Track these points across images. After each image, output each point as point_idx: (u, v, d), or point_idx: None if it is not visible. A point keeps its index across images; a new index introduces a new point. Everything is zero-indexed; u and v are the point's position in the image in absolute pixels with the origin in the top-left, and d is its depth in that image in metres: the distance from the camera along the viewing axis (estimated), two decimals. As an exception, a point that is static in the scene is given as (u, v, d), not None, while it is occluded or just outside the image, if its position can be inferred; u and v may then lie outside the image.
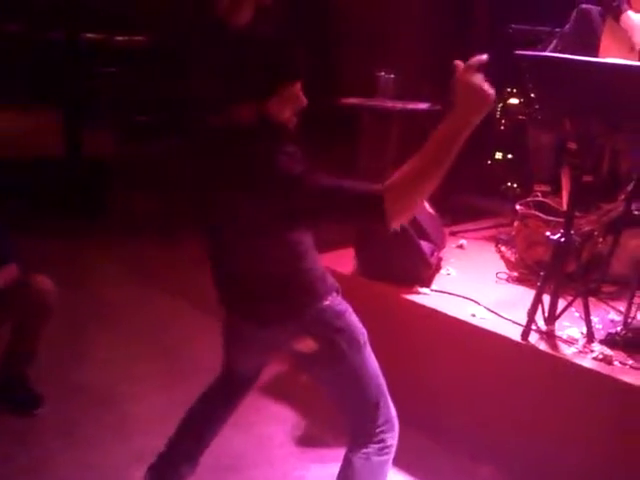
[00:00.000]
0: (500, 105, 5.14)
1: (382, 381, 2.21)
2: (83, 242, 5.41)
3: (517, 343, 2.84)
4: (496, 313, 3.07)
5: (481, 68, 1.77)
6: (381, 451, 2.18)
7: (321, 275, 2.15)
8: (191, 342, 3.91)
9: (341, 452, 3.00)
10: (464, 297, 3.22)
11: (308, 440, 3.15)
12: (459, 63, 1.80)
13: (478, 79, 1.76)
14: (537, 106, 2.97)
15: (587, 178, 2.99)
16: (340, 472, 2.22)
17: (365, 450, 2.17)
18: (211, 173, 2.08)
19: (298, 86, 2.02)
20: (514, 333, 2.89)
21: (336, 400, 2.26)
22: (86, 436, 3.08)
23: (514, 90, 5.06)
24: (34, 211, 5.57)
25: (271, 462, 2.98)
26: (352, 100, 4.83)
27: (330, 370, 2.17)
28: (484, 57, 1.77)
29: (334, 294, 2.16)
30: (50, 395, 3.28)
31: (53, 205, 5.79)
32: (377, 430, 2.18)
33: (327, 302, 2.12)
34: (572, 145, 2.92)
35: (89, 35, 7.65)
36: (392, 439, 2.21)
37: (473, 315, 3.06)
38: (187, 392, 3.35)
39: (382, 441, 2.19)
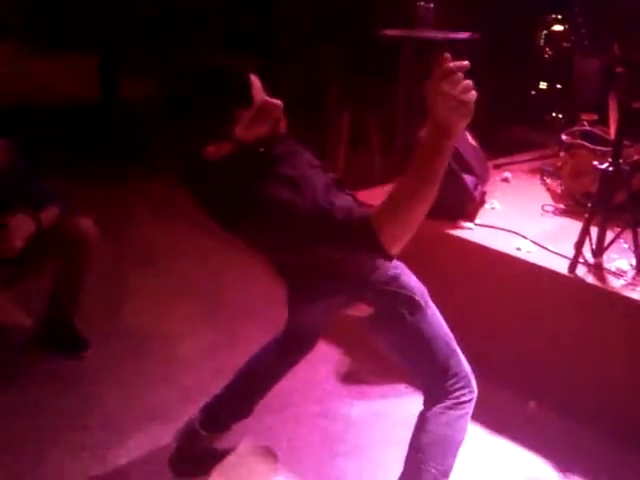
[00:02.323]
0: (544, 33, 4.98)
1: (450, 339, 2.13)
2: (119, 186, 5.42)
3: (564, 276, 2.78)
4: (542, 246, 3.00)
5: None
6: (457, 406, 2.11)
7: None
8: (231, 281, 3.91)
9: (384, 389, 3.07)
10: (509, 230, 3.16)
11: (351, 377, 3.16)
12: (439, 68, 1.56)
13: (453, 88, 1.53)
14: (584, 30, 2.84)
15: (636, 104, 2.87)
16: (416, 426, 2.14)
17: (440, 405, 2.10)
18: (213, 205, 1.98)
19: (259, 99, 1.84)
20: (561, 266, 2.83)
21: (403, 362, 2.20)
22: (132, 377, 3.12)
23: (558, 16, 4.89)
24: (70, 156, 5.59)
25: (315, 399, 2.99)
26: (393, 31, 4.69)
27: (391, 334, 2.13)
28: (465, 63, 1.54)
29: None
30: (95, 337, 3.32)
31: (88, 150, 5.80)
32: (450, 387, 2.11)
33: (377, 272, 2.05)
34: (620, 70, 2.79)
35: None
36: (470, 394, 2.13)
37: (518, 249, 2.99)
38: (227, 332, 3.44)
39: (457, 397, 2.11)
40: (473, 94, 1.55)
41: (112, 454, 2.65)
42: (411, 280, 2.14)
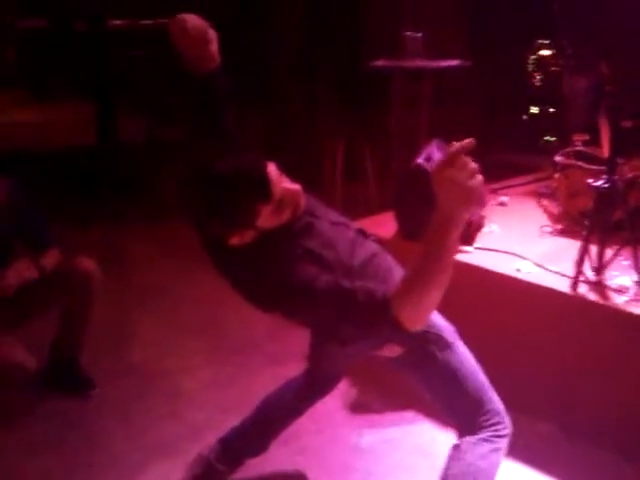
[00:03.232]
0: (533, 57, 5.04)
1: (481, 376, 2.13)
2: (118, 226, 5.44)
3: (566, 295, 2.80)
4: (542, 266, 3.02)
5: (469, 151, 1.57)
6: (492, 439, 2.07)
7: None
8: (232, 316, 3.91)
9: (393, 417, 3.06)
10: (508, 252, 3.18)
11: (360, 406, 3.14)
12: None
13: (459, 174, 1.57)
14: (570, 51, 2.88)
15: (626, 123, 2.90)
16: (450, 456, 2.09)
17: (475, 437, 2.07)
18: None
19: (279, 192, 1.90)
20: (562, 285, 2.84)
21: (436, 400, 2.18)
22: (138, 414, 3.11)
23: (546, 41, 4.95)
24: (69, 199, 5.62)
25: (324, 429, 2.98)
26: (381, 62, 4.76)
27: (422, 373, 2.13)
28: (469, 141, 1.57)
29: None
30: (100, 375, 3.32)
31: (87, 192, 5.84)
32: (485, 423, 2.08)
33: None
34: (609, 88, 2.83)
35: (115, 22, 7.67)
36: (504, 430, 2.10)
37: (519, 270, 3.01)
38: (232, 367, 3.43)
39: (492, 432, 2.08)
40: (479, 178, 1.58)
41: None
42: (439, 319, 2.17)
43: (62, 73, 9.24)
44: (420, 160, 3.27)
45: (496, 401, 2.13)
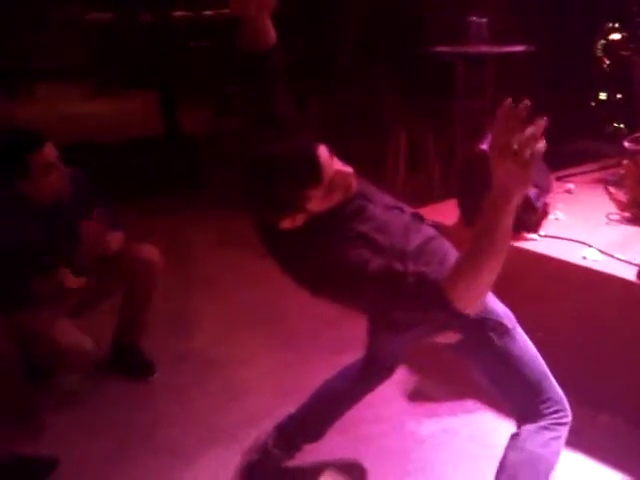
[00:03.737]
0: (601, 42, 4.89)
1: (540, 362, 2.09)
2: (180, 218, 5.51)
3: (633, 283, 2.69)
4: (609, 254, 2.92)
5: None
6: (553, 426, 2.03)
7: None
8: (289, 304, 3.91)
9: (452, 406, 3.01)
10: (574, 240, 3.08)
11: (418, 395, 3.10)
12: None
13: (513, 159, 1.51)
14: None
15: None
16: (509, 444, 2.05)
17: (534, 424, 2.03)
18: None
19: (329, 174, 1.87)
20: (629, 274, 2.74)
21: (494, 387, 2.14)
22: (198, 400, 3.14)
23: (616, 25, 4.79)
24: (133, 190, 5.70)
25: (383, 418, 2.95)
26: (446, 48, 4.69)
27: (481, 359, 2.09)
28: (543, 121, 1.51)
29: None
30: (160, 361, 3.36)
31: (151, 184, 5.91)
32: (545, 410, 2.03)
33: None
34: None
35: (178, 13, 7.75)
36: (565, 417, 2.05)
37: (584, 258, 2.92)
38: (288, 355, 3.44)
39: (552, 419, 2.04)
40: (539, 147, 1.52)
41: (177, 476, 2.66)
42: (497, 305, 2.13)
43: (127, 65, 9.38)
44: (483, 146, 3.20)
45: (556, 389, 2.08)
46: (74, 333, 2.93)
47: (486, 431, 2.81)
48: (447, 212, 3.42)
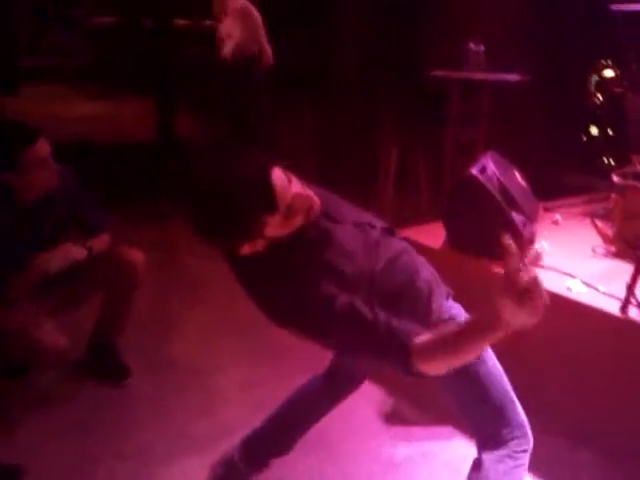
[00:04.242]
0: (595, 78, 4.94)
1: (506, 385, 2.05)
2: (170, 224, 5.46)
3: (616, 317, 2.71)
4: (593, 287, 2.93)
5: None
6: (514, 454, 1.99)
7: (426, 295, 2.02)
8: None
9: (429, 430, 3.00)
10: (559, 270, 3.09)
11: (395, 418, 3.09)
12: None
13: (522, 303, 1.44)
14: (635, 65, 2.79)
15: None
16: (471, 472, 2.03)
17: (496, 452, 1.99)
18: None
19: (287, 199, 1.76)
20: (613, 307, 2.75)
21: (458, 407, 2.10)
22: (172, 407, 3.11)
23: (609, 62, 4.85)
24: (125, 194, 5.68)
25: (357, 438, 2.93)
26: (442, 72, 4.72)
27: (447, 376, 2.05)
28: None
29: (442, 303, 2.05)
30: (137, 366, 3.33)
31: (142, 188, 5.89)
32: (507, 436, 2.00)
33: (432, 317, 1.99)
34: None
35: (179, 21, 7.76)
36: (526, 444, 2.02)
37: (569, 289, 2.93)
38: (267, 367, 3.41)
39: (514, 446, 2.00)
40: (543, 298, 1.46)
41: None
42: None
43: (128, 69, 9.38)
44: (474, 171, 3.22)
45: (519, 414, 2.04)
46: (50, 330, 2.90)
47: (462, 458, 2.76)
48: (433, 234, 3.43)
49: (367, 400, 3.16)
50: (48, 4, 11.08)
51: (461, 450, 2.83)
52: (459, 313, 2.07)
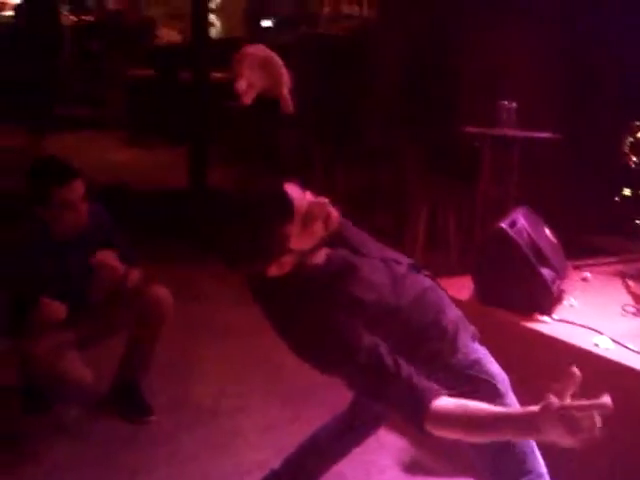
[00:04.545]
0: (629, 139, 4.95)
1: None
2: (199, 267, 5.50)
3: (645, 375, 2.66)
4: (621, 344, 2.89)
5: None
6: None
7: (452, 333, 2.01)
8: (298, 365, 3.86)
9: (448, 480, 2.94)
10: (587, 327, 3.05)
11: (415, 467, 3.04)
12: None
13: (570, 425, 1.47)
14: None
15: None
16: None
17: None
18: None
19: (301, 207, 1.82)
20: (641, 365, 2.71)
21: (477, 453, 2.05)
22: (187, 447, 3.11)
23: (644, 124, 4.86)
24: (157, 239, 5.75)
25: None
26: (474, 129, 4.78)
27: None
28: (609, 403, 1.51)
29: (468, 344, 2.04)
30: (159, 404, 3.34)
31: (174, 232, 5.95)
32: None
33: (457, 356, 1.99)
34: None
35: (216, 74, 7.95)
36: None
37: (596, 345, 2.89)
38: (284, 411, 3.39)
39: None
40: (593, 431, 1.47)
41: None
42: (493, 366, 2.06)
43: (163, 119, 9.59)
44: (504, 224, 3.22)
45: (540, 463, 2.01)
46: (77, 364, 2.92)
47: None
48: (462, 287, 3.41)
49: (386, 449, 3.13)
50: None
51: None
52: (485, 356, 2.06)
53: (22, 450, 2.98)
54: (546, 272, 3.22)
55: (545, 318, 3.14)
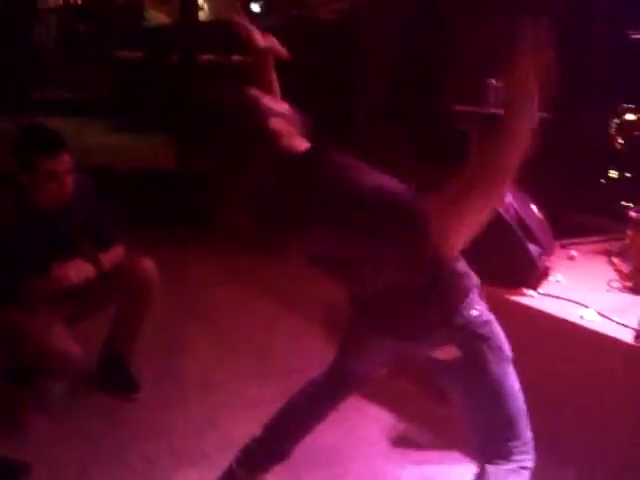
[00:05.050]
0: (616, 121, 4.96)
1: (521, 402, 2.04)
2: (186, 250, 5.49)
3: (629, 345, 2.68)
4: (606, 316, 2.91)
5: None
6: (519, 471, 2.00)
7: (464, 276, 2.03)
8: (286, 343, 3.90)
9: (438, 454, 2.96)
10: (572, 301, 3.08)
11: (404, 441, 3.06)
12: None
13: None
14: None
15: None
16: None
17: (501, 466, 2.00)
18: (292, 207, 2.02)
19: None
20: (626, 336, 2.73)
21: (469, 412, 2.07)
22: (177, 421, 3.11)
23: (631, 106, 4.88)
24: (143, 219, 5.72)
25: (366, 460, 2.90)
26: (463, 107, 4.77)
27: (470, 379, 2.02)
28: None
29: (477, 298, 2.05)
30: (147, 380, 3.35)
31: (159, 215, 5.93)
32: (514, 449, 2.00)
33: (475, 311, 2.00)
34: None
35: (205, 56, 7.89)
36: (530, 462, 2.03)
37: (581, 317, 2.91)
38: (278, 389, 3.37)
39: (519, 461, 2.00)
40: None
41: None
42: (500, 331, 2.07)
43: (150, 102, 9.52)
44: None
45: (528, 430, 2.04)
46: (66, 339, 2.91)
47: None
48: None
49: (377, 423, 3.15)
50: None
51: (469, 475, 2.79)
52: (495, 322, 2.08)
53: (7, 427, 2.98)
54: (532, 247, 3.24)
55: (531, 292, 3.17)
